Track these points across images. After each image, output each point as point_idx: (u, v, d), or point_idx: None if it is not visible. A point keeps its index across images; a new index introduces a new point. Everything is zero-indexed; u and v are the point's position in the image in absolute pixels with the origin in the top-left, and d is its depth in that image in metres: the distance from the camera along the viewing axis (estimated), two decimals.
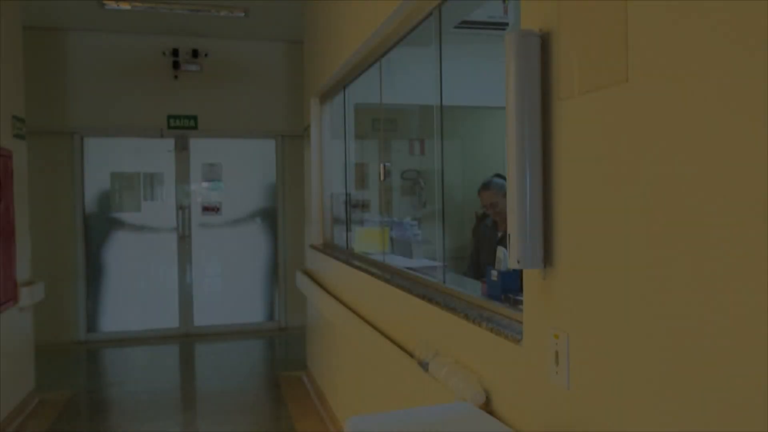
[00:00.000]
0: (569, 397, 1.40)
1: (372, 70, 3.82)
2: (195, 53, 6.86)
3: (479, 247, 3.90)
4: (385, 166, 3.28)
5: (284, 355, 6.32)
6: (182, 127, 6.91)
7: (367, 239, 3.95)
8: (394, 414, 1.70)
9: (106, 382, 5.46)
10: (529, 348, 1.57)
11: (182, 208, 6.91)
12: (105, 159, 6.90)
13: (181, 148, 7.05)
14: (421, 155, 7.48)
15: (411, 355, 2.38)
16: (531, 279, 1.57)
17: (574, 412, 1.39)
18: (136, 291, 6.89)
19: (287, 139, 7.22)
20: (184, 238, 7.01)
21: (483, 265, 3.76)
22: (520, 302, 1.91)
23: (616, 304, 1.25)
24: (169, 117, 6.86)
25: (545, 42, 1.48)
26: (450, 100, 5.77)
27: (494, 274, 2.09)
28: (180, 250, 6.95)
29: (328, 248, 4.50)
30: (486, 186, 3.74)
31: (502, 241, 3.77)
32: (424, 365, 2.17)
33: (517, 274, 2.08)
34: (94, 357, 6.22)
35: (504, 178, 3.89)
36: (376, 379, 3.00)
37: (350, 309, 3.45)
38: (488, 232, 3.84)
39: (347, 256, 3.79)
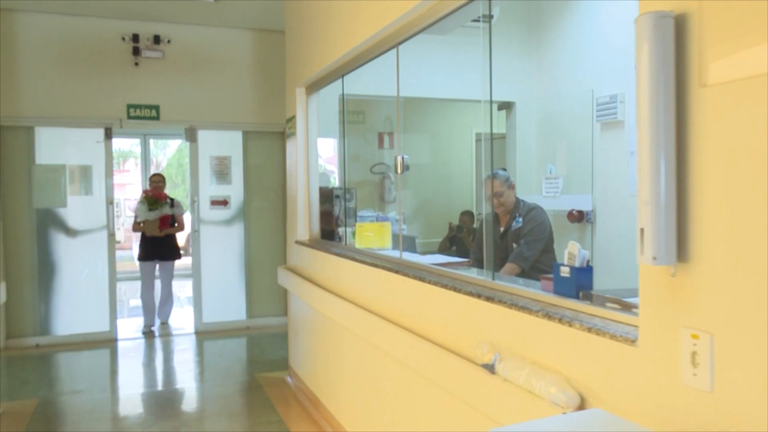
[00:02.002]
0: (714, 399, 1.33)
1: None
2: (157, 39, 6.50)
3: (483, 243, 3.82)
4: (403, 158, 3.15)
5: (258, 355, 6.07)
6: (143, 117, 6.53)
7: (369, 235, 3.80)
8: (531, 424, 1.59)
9: (70, 389, 5.08)
10: (650, 349, 1.49)
11: (112, 203, 6.49)
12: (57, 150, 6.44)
13: (191, 139, 6.75)
14: (390, 148, 7.39)
15: (456, 356, 2.28)
16: (652, 276, 1.49)
17: (720, 415, 1.32)
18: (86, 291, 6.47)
19: (255, 133, 6.97)
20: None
21: (493, 259, 3.69)
22: (605, 300, 1.83)
23: None
24: (129, 106, 6.47)
25: (680, 24, 1.40)
26: (426, 91, 5.70)
27: (565, 270, 2.01)
28: (110, 248, 6.50)
29: (321, 244, 4.33)
30: (494, 175, 3.69)
31: (505, 236, 3.73)
32: (487, 367, 2.07)
33: (590, 271, 2.02)
34: (50, 362, 5.79)
35: (505, 171, 3.84)
36: (400, 382, 2.87)
37: (362, 308, 3.31)
38: (491, 227, 3.78)
39: (352, 253, 3.64)
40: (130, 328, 7.00)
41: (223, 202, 6.95)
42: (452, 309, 2.41)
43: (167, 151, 17.74)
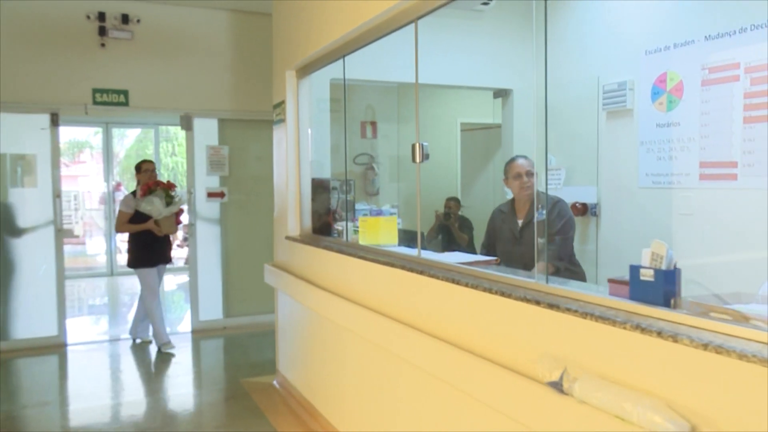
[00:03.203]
0: None
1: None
2: (125, 19, 6.02)
3: (496, 237, 3.56)
4: (422, 146, 2.84)
5: (240, 357, 5.69)
6: (110, 103, 6.05)
7: (376, 230, 3.49)
8: None
9: (37, 400, 4.62)
10: None
11: (59, 196, 5.96)
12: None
13: (187, 127, 6.32)
14: (374, 139, 7.07)
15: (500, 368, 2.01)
16: None
17: None
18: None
19: (233, 121, 6.56)
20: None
21: (503, 256, 3.43)
22: (711, 310, 1.58)
23: None
24: (95, 91, 5.99)
25: None
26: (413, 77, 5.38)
27: (647, 273, 1.75)
28: (58, 244, 5.96)
29: (317, 240, 4.00)
30: (523, 156, 3.43)
31: (525, 230, 3.47)
32: (554, 386, 1.79)
33: (677, 274, 1.76)
34: (6, 368, 5.31)
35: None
36: (419, 390, 2.58)
37: (373, 311, 3.01)
38: (507, 219, 3.51)
39: (358, 250, 3.33)
40: (86, 332, 6.54)
41: (220, 194, 6.54)
42: (498, 316, 2.13)
43: (125, 142, 16.96)
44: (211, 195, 6.52)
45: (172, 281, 10.29)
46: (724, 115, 3.74)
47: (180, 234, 13.21)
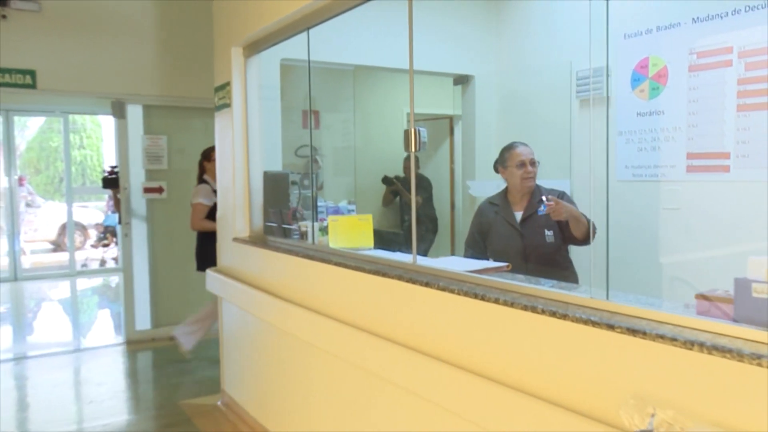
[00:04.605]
0: None
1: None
2: None
3: (489, 233, 3.17)
4: (419, 132, 2.39)
5: (176, 375, 5.02)
6: (14, 84, 5.22)
7: (349, 232, 3.02)
8: None
9: None
10: None
11: None
12: None
13: (119, 115, 5.56)
14: (316, 129, 6.55)
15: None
16: None
17: None
18: None
19: (160, 108, 5.87)
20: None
21: (500, 252, 3.05)
22: None
23: None
24: None
25: None
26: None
27: (762, 288, 1.38)
28: None
29: (273, 243, 3.47)
30: (522, 143, 3.06)
31: (526, 224, 3.07)
32: None
33: None
34: None
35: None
36: (410, 418, 2.14)
37: (353, 327, 2.54)
38: (503, 212, 3.13)
39: (330, 255, 2.84)
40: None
41: (158, 189, 5.82)
42: (542, 342, 1.72)
43: (26, 133, 15.47)
44: (148, 191, 5.82)
45: (86, 284, 9.35)
46: (714, 102, 3.52)
47: (93, 233, 12.18)
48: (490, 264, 2.32)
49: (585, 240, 2.98)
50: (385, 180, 6.01)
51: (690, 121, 3.64)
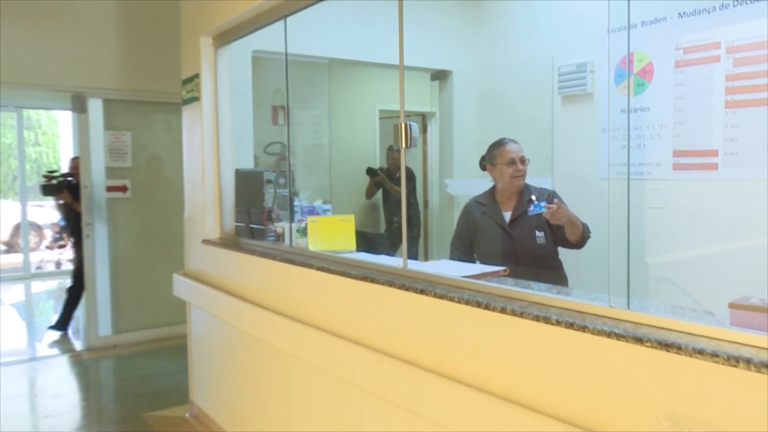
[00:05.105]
0: None
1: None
2: None
3: (476, 233, 3.02)
4: (410, 126, 2.22)
5: (139, 384, 4.73)
6: None
7: (329, 233, 2.84)
8: None
9: None
10: None
11: None
12: None
13: (80, 109, 5.24)
14: (285, 125, 6.34)
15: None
16: None
17: None
18: None
19: (122, 102, 5.57)
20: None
21: (489, 254, 2.91)
22: None
23: None
24: None
25: None
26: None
27: None
28: None
29: (248, 246, 3.25)
30: (512, 139, 2.92)
31: (517, 223, 2.90)
32: None
33: None
34: None
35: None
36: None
37: (337, 336, 2.36)
38: (490, 212, 2.98)
39: (312, 259, 2.65)
40: None
41: (122, 188, 5.52)
42: (559, 356, 1.57)
43: None
44: (111, 189, 5.52)
45: (41, 287, 8.93)
46: (702, 99, 3.44)
47: (49, 234, 11.67)
48: (488, 268, 2.16)
49: (579, 244, 2.86)
50: (370, 171, 5.86)
51: (676, 118, 3.56)
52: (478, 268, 2.19)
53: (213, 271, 3.56)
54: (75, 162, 5.96)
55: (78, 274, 5.75)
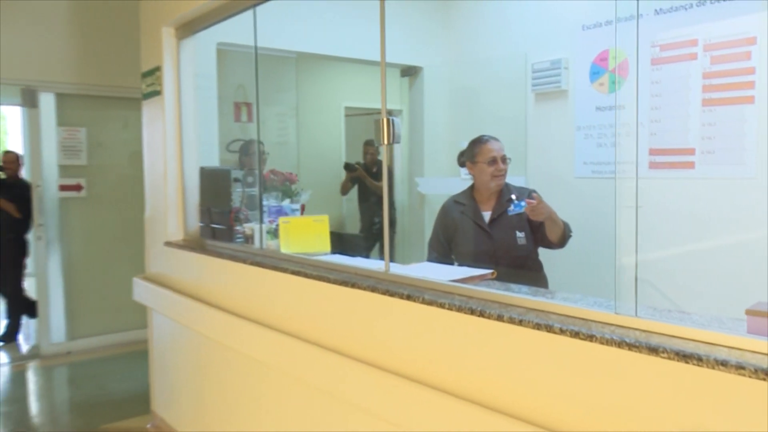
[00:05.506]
0: None
1: None
2: None
3: (454, 233, 2.92)
4: (393, 122, 2.09)
5: (96, 393, 4.46)
6: None
7: (303, 235, 2.69)
8: None
9: None
10: None
11: None
12: None
13: (30, 104, 4.92)
14: (249, 123, 6.15)
15: None
16: None
17: None
18: None
19: (75, 97, 5.29)
20: None
21: (468, 254, 2.81)
22: None
23: None
24: None
25: None
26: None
27: None
28: None
29: (215, 248, 3.08)
30: (493, 137, 2.82)
31: (497, 223, 2.79)
32: None
33: None
34: None
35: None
36: None
37: (314, 345, 2.22)
38: (469, 211, 2.88)
39: (287, 263, 2.50)
40: None
41: (76, 187, 5.23)
42: (564, 368, 1.47)
43: None
44: (64, 188, 5.23)
45: None
46: (678, 97, 3.40)
47: None
48: (474, 271, 2.05)
49: (560, 243, 2.77)
50: (348, 166, 5.73)
51: (652, 116, 3.52)
52: (463, 271, 2.07)
53: (177, 274, 3.37)
54: (8, 156, 5.65)
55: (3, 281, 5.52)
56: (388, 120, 2.11)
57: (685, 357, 1.23)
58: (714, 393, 1.20)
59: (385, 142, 2.11)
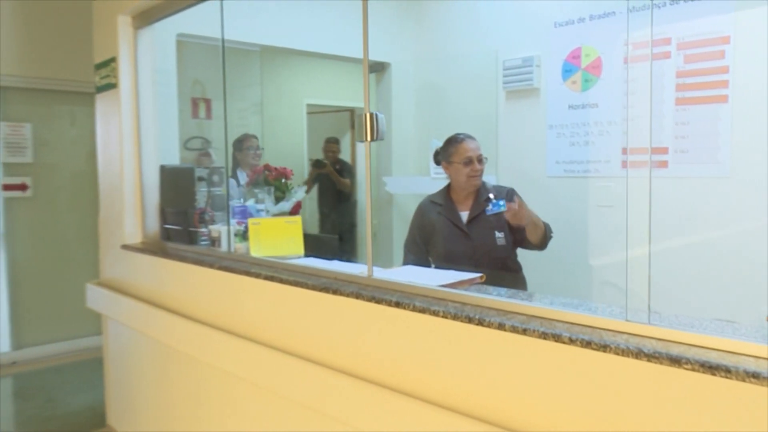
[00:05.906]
0: None
1: None
2: None
3: (431, 233, 2.81)
4: (376, 117, 1.96)
5: (45, 406, 4.18)
6: None
7: (275, 237, 2.54)
8: None
9: None
10: None
11: None
12: None
13: None
14: (208, 120, 5.93)
15: None
16: None
17: None
18: None
19: (19, 90, 4.98)
20: None
21: (445, 255, 2.71)
22: None
23: None
24: None
25: None
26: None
27: None
28: None
29: (177, 251, 2.89)
30: (469, 135, 2.72)
31: (475, 223, 2.69)
32: None
33: None
34: None
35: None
36: None
37: (292, 355, 2.08)
38: (446, 212, 2.78)
39: (258, 267, 2.35)
40: None
41: (21, 187, 4.89)
42: (578, 381, 1.37)
43: None
44: (8, 188, 4.91)
45: None
46: (652, 96, 3.38)
47: None
48: (463, 275, 1.95)
49: (541, 245, 2.70)
50: (317, 163, 5.53)
51: (625, 115, 3.49)
52: (452, 275, 1.96)
53: (135, 280, 3.16)
54: None
55: None
56: (371, 115, 1.98)
57: (711, 368, 1.15)
58: (745, 407, 1.11)
59: (368, 138, 1.98)
